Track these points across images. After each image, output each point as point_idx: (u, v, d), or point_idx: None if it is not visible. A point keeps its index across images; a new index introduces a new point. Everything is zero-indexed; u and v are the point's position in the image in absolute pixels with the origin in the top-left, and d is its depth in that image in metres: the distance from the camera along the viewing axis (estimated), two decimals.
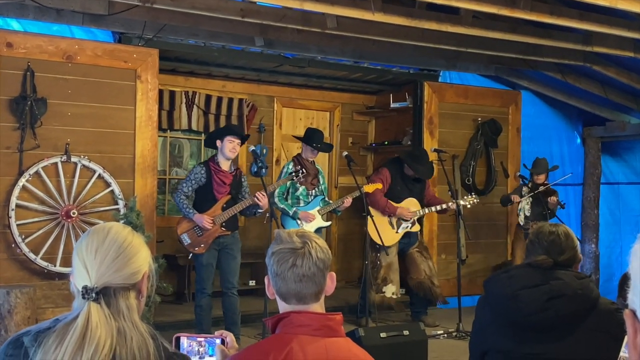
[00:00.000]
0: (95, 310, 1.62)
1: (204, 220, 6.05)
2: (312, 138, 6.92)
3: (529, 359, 2.60)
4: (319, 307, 2.03)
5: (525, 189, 7.75)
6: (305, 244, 1.99)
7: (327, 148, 7.46)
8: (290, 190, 6.79)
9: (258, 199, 6.10)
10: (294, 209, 6.75)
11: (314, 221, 6.83)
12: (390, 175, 7.16)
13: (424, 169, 7.29)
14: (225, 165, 6.18)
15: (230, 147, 6.12)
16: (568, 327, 2.58)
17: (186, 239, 6.13)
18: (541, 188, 7.66)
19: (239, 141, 6.20)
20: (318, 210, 6.87)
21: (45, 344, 1.59)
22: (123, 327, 1.63)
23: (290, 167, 6.75)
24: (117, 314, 1.65)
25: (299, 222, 6.74)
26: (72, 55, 6.31)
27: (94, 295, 1.63)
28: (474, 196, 7.42)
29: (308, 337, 1.94)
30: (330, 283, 2.05)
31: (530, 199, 7.63)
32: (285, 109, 9.36)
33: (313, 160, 6.94)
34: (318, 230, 6.82)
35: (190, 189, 6.15)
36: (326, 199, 7.04)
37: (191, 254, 6.17)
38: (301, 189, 6.83)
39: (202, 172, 6.15)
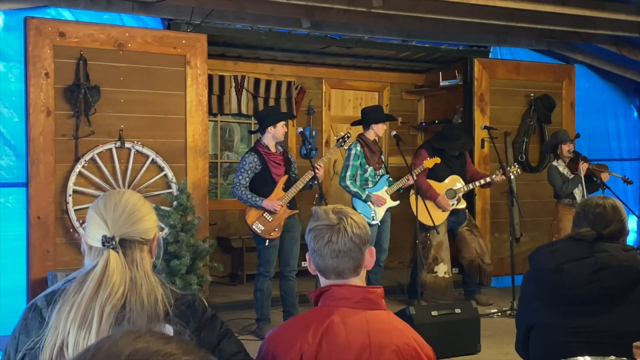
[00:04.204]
0: (113, 257, 1.74)
1: (275, 204, 6.01)
2: (375, 115, 6.80)
3: (575, 332, 2.57)
4: (359, 281, 2.05)
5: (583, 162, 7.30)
6: (340, 220, 2.01)
7: (392, 117, 7.41)
8: (359, 172, 6.73)
9: (317, 169, 6.10)
10: (367, 192, 6.66)
11: (385, 203, 6.78)
12: (429, 156, 7.09)
13: (460, 143, 7.22)
14: (272, 147, 6.21)
15: (283, 131, 6.16)
16: (614, 299, 2.54)
17: (259, 227, 6.04)
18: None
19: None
20: (386, 190, 6.83)
21: (66, 293, 1.71)
22: (135, 276, 1.75)
23: (358, 148, 6.66)
24: (131, 264, 1.77)
25: (371, 205, 6.69)
26: (123, 43, 6.43)
27: (114, 243, 1.75)
28: (516, 166, 7.28)
29: (349, 309, 1.97)
30: (370, 258, 2.06)
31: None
32: (334, 90, 9.36)
33: (375, 140, 6.89)
34: (387, 210, 6.80)
35: (247, 179, 6.08)
36: (390, 178, 6.98)
37: (267, 240, 6.05)
38: (369, 169, 6.75)
39: (255, 159, 6.09)
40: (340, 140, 6.53)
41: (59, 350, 1.65)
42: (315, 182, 6.15)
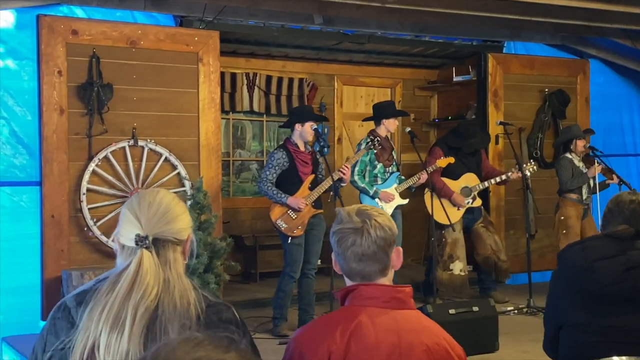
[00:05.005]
0: (147, 257, 1.69)
1: (299, 201, 5.99)
2: (386, 110, 6.74)
3: (606, 331, 2.51)
4: (386, 281, 2.01)
5: (599, 164, 7.21)
6: (364, 222, 1.96)
7: (404, 113, 7.33)
8: (369, 168, 6.66)
9: (343, 173, 6.07)
10: (375, 188, 6.61)
11: (393, 200, 6.73)
12: (444, 153, 7.01)
13: (476, 141, 7.14)
14: (301, 146, 6.18)
15: (310, 132, 6.11)
16: None
17: (282, 224, 6.02)
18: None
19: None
20: (395, 188, 6.76)
21: (98, 293, 1.67)
22: (168, 277, 1.70)
23: (368, 142, 6.64)
24: (164, 264, 1.72)
25: (378, 201, 6.62)
26: (135, 40, 6.40)
27: (147, 242, 1.70)
28: (533, 163, 7.20)
29: (377, 309, 1.93)
30: (396, 258, 2.01)
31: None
32: (346, 87, 9.31)
33: (387, 137, 6.84)
34: (396, 209, 6.73)
35: (274, 175, 6.07)
36: (401, 175, 6.92)
37: (290, 238, 6.04)
38: (379, 166, 6.70)
39: (284, 156, 6.08)
40: (370, 142, 6.50)
41: (90, 351, 1.60)
42: (342, 183, 6.15)
